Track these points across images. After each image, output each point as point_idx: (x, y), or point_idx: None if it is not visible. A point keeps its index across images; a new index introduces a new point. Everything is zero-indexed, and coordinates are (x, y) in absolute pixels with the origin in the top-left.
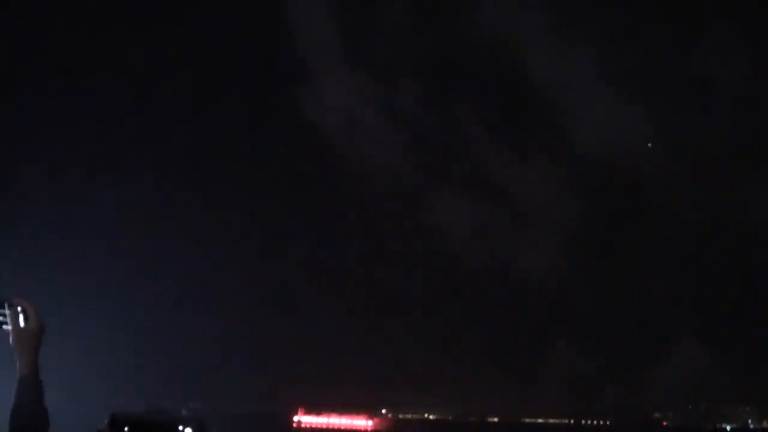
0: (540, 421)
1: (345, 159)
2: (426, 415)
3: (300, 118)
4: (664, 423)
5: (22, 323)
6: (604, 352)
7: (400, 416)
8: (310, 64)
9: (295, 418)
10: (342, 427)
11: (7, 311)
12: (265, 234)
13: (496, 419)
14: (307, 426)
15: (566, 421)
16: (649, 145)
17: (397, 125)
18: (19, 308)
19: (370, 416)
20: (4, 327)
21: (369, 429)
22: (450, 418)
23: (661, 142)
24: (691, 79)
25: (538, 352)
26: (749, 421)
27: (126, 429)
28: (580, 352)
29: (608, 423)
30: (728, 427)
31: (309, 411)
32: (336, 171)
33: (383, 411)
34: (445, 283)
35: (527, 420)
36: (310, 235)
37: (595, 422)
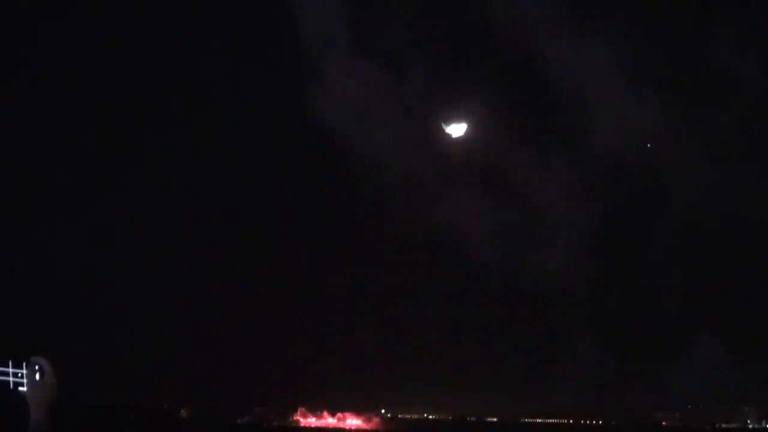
0: (539, 420)
1: (355, 154)
2: (425, 415)
3: (307, 113)
4: (663, 423)
5: (37, 379)
6: (621, 352)
7: (400, 416)
8: (317, 57)
9: (295, 418)
10: (342, 427)
11: (24, 371)
12: (269, 233)
13: (495, 419)
14: (307, 426)
15: (565, 421)
16: (649, 145)
17: (409, 120)
18: (36, 366)
19: (370, 416)
20: (20, 389)
21: (368, 429)
22: (450, 417)
23: (681, 139)
24: (711, 74)
25: (554, 353)
26: (748, 421)
27: None
28: (598, 353)
29: (612, 423)
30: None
31: (309, 411)
32: (345, 166)
33: (383, 411)
34: (458, 282)
35: (527, 420)
36: (315, 234)
37: (593, 422)
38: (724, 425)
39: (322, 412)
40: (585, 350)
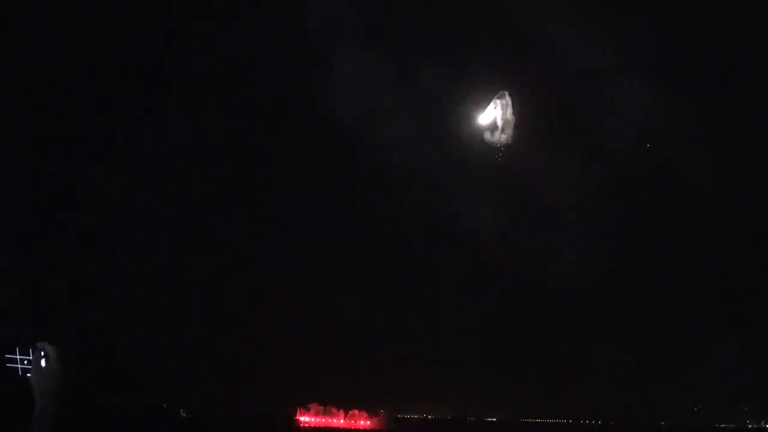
0: (538, 420)
1: (366, 152)
2: (424, 415)
3: (317, 108)
4: (662, 423)
5: (43, 364)
6: (640, 352)
7: (399, 416)
8: (327, 50)
9: (296, 418)
10: (342, 427)
11: (30, 357)
12: (273, 232)
13: (494, 419)
14: (308, 426)
15: (564, 421)
16: (648, 145)
17: (421, 116)
18: (41, 351)
19: (370, 416)
20: (28, 375)
21: (368, 428)
22: (448, 417)
23: (699, 136)
24: (727, 68)
25: (566, 354)
26: (747, 421)
27: None
28: (617, 353)
29: (611, 423)
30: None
31: (309, 411)
32: (356, 164)
33: (382, 411)
34: (470, 281)
35: (527, 420)
36: (322, 233)
37: (593, 422)
38: (722, 425)
39: (338, 410)
40: (598, 351)
